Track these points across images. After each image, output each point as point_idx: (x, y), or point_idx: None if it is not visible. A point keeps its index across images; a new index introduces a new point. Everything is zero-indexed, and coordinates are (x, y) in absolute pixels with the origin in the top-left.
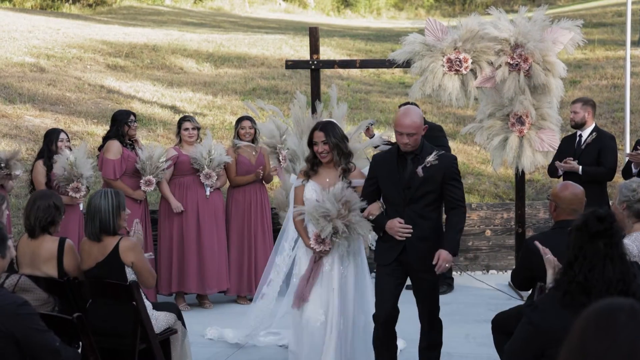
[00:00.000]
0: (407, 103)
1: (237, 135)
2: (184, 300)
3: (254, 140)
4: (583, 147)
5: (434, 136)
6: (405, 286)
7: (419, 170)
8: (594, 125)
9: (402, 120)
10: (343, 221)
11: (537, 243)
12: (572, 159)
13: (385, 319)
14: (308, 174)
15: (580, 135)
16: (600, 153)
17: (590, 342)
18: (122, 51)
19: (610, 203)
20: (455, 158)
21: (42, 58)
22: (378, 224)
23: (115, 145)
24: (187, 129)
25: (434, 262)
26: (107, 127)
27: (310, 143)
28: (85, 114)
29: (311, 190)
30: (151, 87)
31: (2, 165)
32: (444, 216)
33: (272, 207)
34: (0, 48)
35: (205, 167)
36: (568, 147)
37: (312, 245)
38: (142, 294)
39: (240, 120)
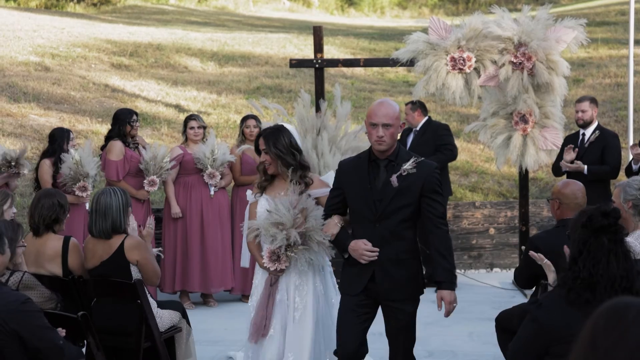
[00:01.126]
0: (412, 102)
1: (242, 134)
2: (189, 299)
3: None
4: (587, 145)
5: (440, 135)
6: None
7: (393, 179)
8: (597, 123)
9: (376, 109)
10: (299, 230)
11: (532, 253)
12: (574, 147)
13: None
14: (262, 187)
15: (584, 134)
16: (604, 151)
17: (599, 337)
18: (127, 50)
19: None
20: (437, 167)
21: (47, 57)
22: (340, 245)
23: (117, 146)
24: (192, 128)
25: (439, 309)
26: (111, 126)
27: (259, 149)
28: (89, 112)
29: (265, 205)
30: (155, 86)
31: (13, 163)
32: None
33: None
34: (5, 47)
35: (209, 166)
36: (572, 144)
37: (265, 264)
38: (147, 292)
39: (245, 119)
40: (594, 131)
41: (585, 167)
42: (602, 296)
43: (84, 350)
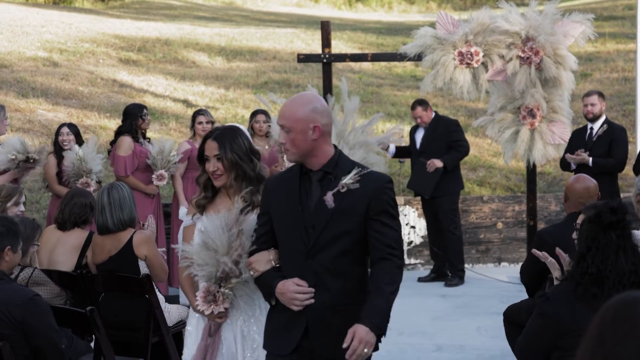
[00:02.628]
0: (420, 100)
1: (252, 129)
2: None
3: (267, 134)
4: (594, 139)
5: (451, 131)
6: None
7: (328, 197)
8: (604, 117)
9: (284, 105)
10: (233, 258)
11: (535, 251)
12: (582, 150)
13: None
14: (201, 205)
15: (592, 128)
16: (612, 144)
17: (608, 330)
18: (135, 45)
19: (622, 196)
20: (389, 180)
21: (55, 52)
22: (264, 286)
23: (126, 142)
24: (201, 123)
25: (344, 344)
26: (120, 121)
27: (202, 157)
28: (97, 107)
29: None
30: (164, 81)
31: (32, 160)
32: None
33: None
34: (13, 42)
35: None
36: (579, 139)
37: (199, 307)
38: (155, 287)
39: (254, 114)
40: (602, 125)
41: (590, 159)
42: (610, 291)
43: (92, 344)
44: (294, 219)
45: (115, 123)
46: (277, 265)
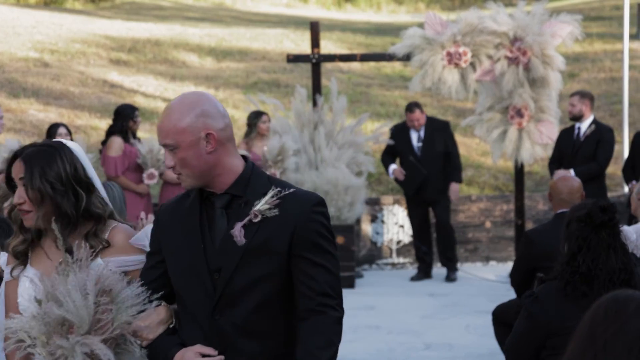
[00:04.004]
0: (416, 103)
1: (256, 130)
2: None
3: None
4: (582, 139)
5: (446, 136)
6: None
7: (237, 231)
8: (592, 117)
9: (160, 121)
10: (105, 336)
11: None
12: (570, 140)
13: None
14: (22, 253)
15: (579, 128)
16: (597, 145)
17: (598, 328)
18: (125, 46)
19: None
20: (320, 201)
21: (46, 53)
22: (156, 355)
23: (117, 142)
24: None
25: None
26: (111, 121)
27: (10, 182)
28: (88, 108)
29: (30, 288)
30: (154, 81)
31: None
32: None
33: None
34: (4, 43)
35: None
36: (566, 139)
37: None
38: None
39: (259, 115)
40: (590, 125)
41: (572, 170)
42: (599, 289)
43: None
44: (195, 261)
45: (106, 123)
46: (174, 326)
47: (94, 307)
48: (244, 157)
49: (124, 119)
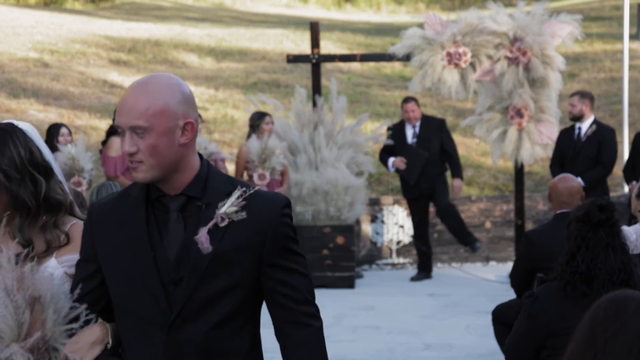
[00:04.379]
0: (409, 98)
1: (259, 131)
2: None
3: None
4: (584, 139)
5: (442, 131)
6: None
7: (202, 236)
8: (592, 117)
9: (128, 98)
10: (30, 344)
11: None
12: (570, 140)
13: None
14: None
15: (580, 128)
16: (601, 147)
17: (598, 328)
18: (125, 46)
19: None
20: (287, 203)
21: (46, 53)
22: None
23: (117, 142)
24: None
25: None
26: (110, 121)
27: None
28: (88, 108)
29: None
30: None
31: None
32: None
33: None
34: (4, 43)
35: None
36: (567, 139)
37: None
38: None
39: (262, 116)
40: (590, 125)
41: (580, 179)
42: (599, 289)
43: None
44: (143, 272)
45: (105, 123)
46: (111, 345)
47: (17, 313)
48: (198, 154)
49: None
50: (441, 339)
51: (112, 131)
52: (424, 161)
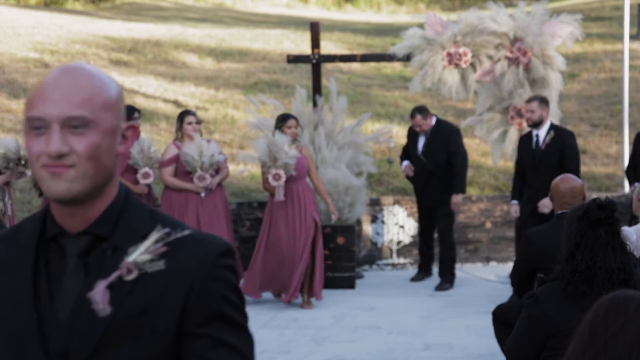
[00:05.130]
0: (419, 108)
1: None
2: None
3: (295, 139)
4: (543, 148)
5: (450, 140)
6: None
7: (98, 293)
8: (549, 123)
9: (54, 84)
10: None
11: None
12: (532, 145)
13: None
14: None
15: (537, 135)
16: (563, 153)
17: (599, 328)
18: (125, 46)
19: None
20: (227, 249)
21: (46, 53)
22: None
23: None
24: (191, 123)
25: None
26: None
27: None
28: None
29: None
30: (154, 82)
31: (23, 162)
32: None
33: None
34: (4, 44)
35: (198, 169)
36: (525, 149)
37: None
38: None
39: (285, 119)
40: (548, 131)
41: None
42: (599, 289)
43: None
44: (23, 338)
45: None
46: None
47: None
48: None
49: None
50: (441, 339)
51: None
52: (427, 173)
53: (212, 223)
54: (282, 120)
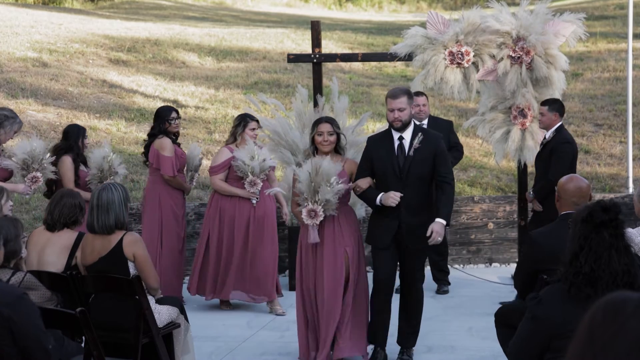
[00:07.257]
0: (421, 92)
1: (312, 143)
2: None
3: (337, 148)
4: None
5: (449, 132)
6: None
7: None
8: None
9: None
10: None
11: None
12: (528, 193)
13: None
14: None
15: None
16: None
17: (597, 330)
18: (124, 45)
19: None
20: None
21: (45, 53)
22: None
23: (169, 143)
24: (254, 129)
25: None
26: (110, 122)
27: None
28: (87, 108)
29: None
30: (153, 81)
31: (35, 166)
32: None
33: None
34: (3, 43)
35: (249, 174)
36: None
37: None
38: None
39: (317, 123)
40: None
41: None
42: (603, 291)
43: (83, 345)
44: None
45: (104, 123)
46: None
47: None
48: None
49: (161, 121)
50: (443, 341)
51: (153, 133)
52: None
53: (262, 236)
54: (314, 125)
